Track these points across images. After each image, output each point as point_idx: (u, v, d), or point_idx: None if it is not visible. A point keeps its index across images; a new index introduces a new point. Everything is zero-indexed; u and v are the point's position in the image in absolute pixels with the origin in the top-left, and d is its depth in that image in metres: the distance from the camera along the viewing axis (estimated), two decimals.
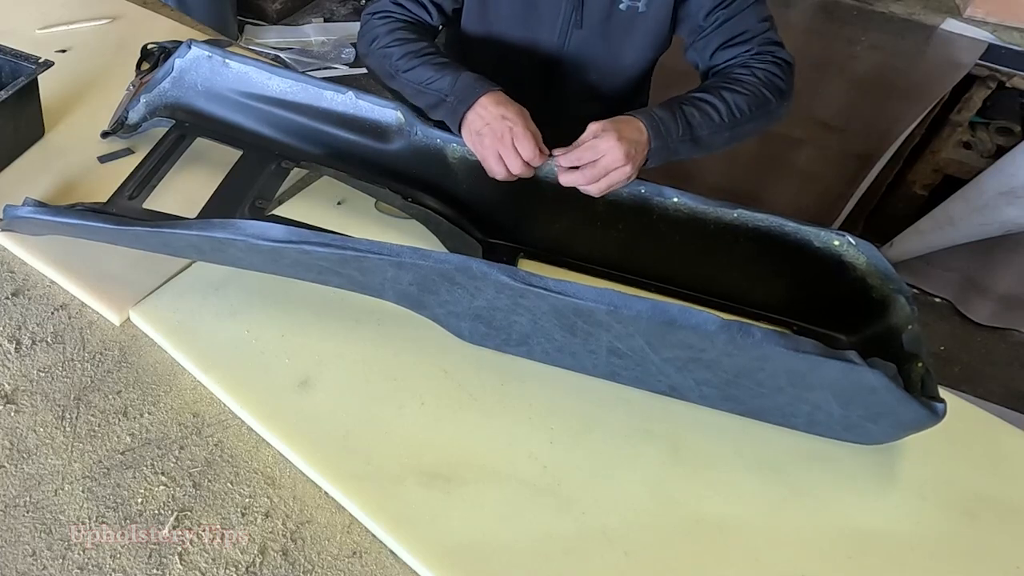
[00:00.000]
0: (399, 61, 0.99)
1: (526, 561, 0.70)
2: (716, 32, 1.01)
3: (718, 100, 0.94)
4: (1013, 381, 1.99)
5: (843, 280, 0.88)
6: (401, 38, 1.01)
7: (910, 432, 0.79)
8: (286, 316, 0.87)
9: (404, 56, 0.99)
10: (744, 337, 0.69)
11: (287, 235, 0.74)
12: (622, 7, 1.03)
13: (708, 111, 0.93)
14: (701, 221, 0.91)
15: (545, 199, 0.94)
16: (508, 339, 0.83)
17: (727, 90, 0.95)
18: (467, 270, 0.73)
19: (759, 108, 0.95)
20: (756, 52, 1.00)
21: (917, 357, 0.79)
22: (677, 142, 0.90)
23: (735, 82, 0.97)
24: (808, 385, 0.75)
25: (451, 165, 0.97)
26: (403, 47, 1.00)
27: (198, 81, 1.05)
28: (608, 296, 0.71)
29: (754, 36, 1.00)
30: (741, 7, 1.00)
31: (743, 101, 0.95)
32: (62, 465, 0.73)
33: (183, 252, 0.86)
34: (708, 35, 1.02)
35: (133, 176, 0.96)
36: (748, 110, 0.95)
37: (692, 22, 1.03)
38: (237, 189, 0.96)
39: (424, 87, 0.96)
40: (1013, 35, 1.80)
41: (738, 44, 1.00)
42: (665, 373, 0.80)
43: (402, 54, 0.99)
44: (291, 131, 1.03)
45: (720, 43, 1.01)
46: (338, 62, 2.87)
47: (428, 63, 0.97)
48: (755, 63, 0.99)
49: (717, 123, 0.93)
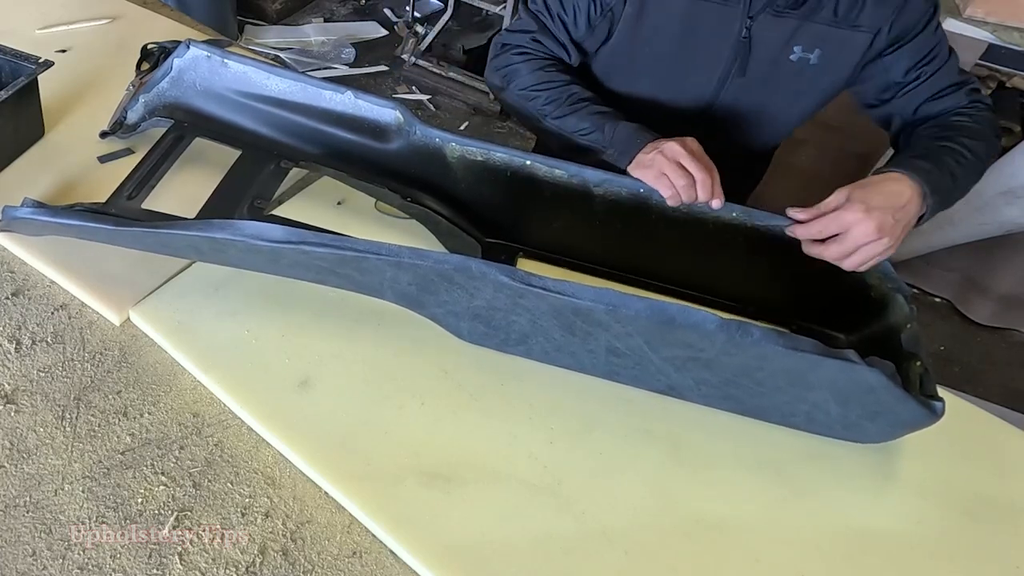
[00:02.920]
0: (546, 107, 0.98)
1: (526, 561, 0.70)
2: (920, 88, 0.98)
3: (961, 147, 0.90)
4: (1013, 381, 1.99)
5: (842, 279, 0.88)
6: (545, 81, 1.00)
7: (908, 431, 0.79)
8: (286, 316, 0.87)
9: (551, 103, 0.98)
10: (743, 336, 0.69)
11: (286, 235, 0.74)
12: (792, 58, 0.98)
13: (961, 160, 0.89)
14: (700, 220, 0.91)
15: (543, 199, 0.94)
16: (507, 339, 0.83)
17: (963, 136, 0.91)
18: (466, 270, 0.73)
19: (989, 153, 0.93)
20: (968, 103, 0.97)
21: (916, 356, 0.79)
22: (947, 194, 0.86)
23: (963, 128, 0.93)
24: (807, 384, 0.75)
25: (450, 165, 0.97)
26: (548, 92, 0.99)
27: (197, 81, 1.04)
28: (606, 295, 0.71)
29: (960, 87, 0.97)
30: (943, 61, 0.97)
31: (979, 147, 0.92)
32: (62, 465, 0.73)
33: (182, 252, 0.86)
34: (911, 91, 0.98)
35: (132, 176, 0.96)
36: (985, 155, 0.93)
37: (884, 79, 0.99)
38: (236, 189, 0.96)
39: (579, 137, 0.95)
40: (1013, 35, 1.80)
41: (946, 96, 0.97)
42: (664, 372, 0.80)
43: (549, 100, 0.98)
44: (290, 131, 1.03)
45: (927, 97, 0.98)
46: (338, 62, 2.87)
47: (580, 112, 0.96)
48: (970, 111, 0.96)
49: (969, 172, 0.90)
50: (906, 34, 0.95)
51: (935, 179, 0.85)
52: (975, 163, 0.91)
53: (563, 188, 0.92)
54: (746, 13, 0.95)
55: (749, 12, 0.95)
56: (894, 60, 0.97)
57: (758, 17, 0.95)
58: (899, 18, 0.94)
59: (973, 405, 0.90)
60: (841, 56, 0.97)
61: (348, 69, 2.85)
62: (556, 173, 0.92)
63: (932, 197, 0.84)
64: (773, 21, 0.95)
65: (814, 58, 0.97)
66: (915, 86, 0.98)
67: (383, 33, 3.04)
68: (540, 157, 0.92)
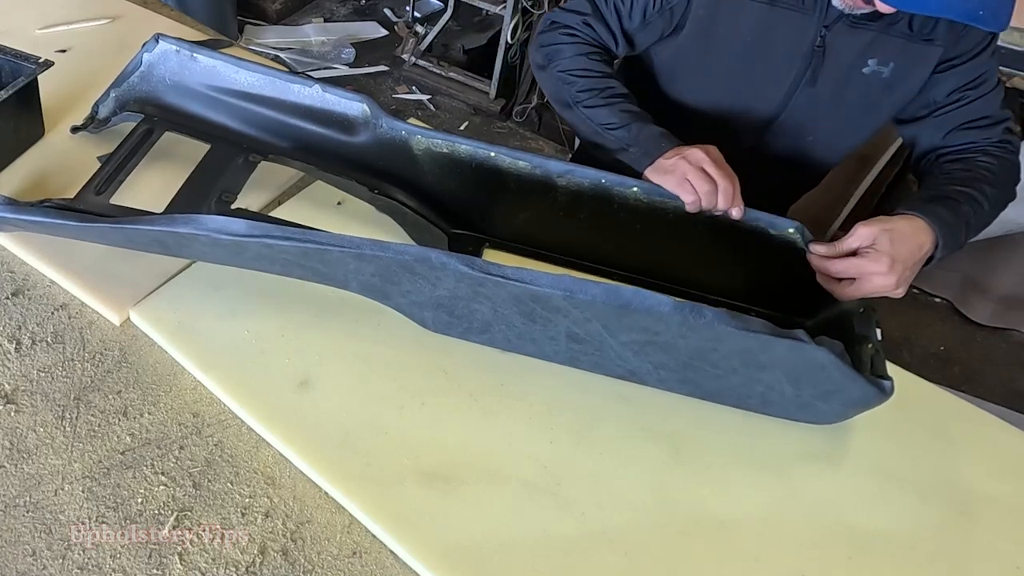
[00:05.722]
0: (581, 93, 0.98)
1: (526, 561, 0.70)
2: (957, 111, 0.96)
3: (982, 196, 0.89)
4: (1013, 381, 1.99)
5: (798, 266, 0.89)
6: (587, 68, 0.99)
7: (860, 410, 0.80)
8: (286, 316, 0.87)
9: (587, 91, 0.97)
10: (696, 317, 0.71)
11: (248, 229, 0.75)
12: (866, 71, 0.95)
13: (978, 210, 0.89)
14: (660, 210, 0.91)
15: (508, 190, 0.95)
16: (470, 327, 0.84)
17: (985, 183, 0.91)
18: (426, 260, 0.74)
19: (1006, 202, 0.93)
20: (998, 141, 0.95)
21: (867, 339, 0.81)
22: (956, 246, 0.87)
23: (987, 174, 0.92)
24: (759, 364, 0.76)
25: (416, 157, 0.97)
26: (587, 79, 0.98)
27: (166, 75, 1.04)
28: (563, 281, 0.72)
29: (997, 123, 0.96)
30: (987, 90, 0.95)
31: (998, 197, 0.91)
32: (62, 465, 0.73)
33: (148, 247, 0.86)
34: (947, 113, 0.97)
35: (101, 171, 0.96)
36: (1002, 205, 0.93)
37: (927, 96, 0.97)
38: (204, 183, 0.96)
39: (604, 130, 0.95)
40: (1013, 35, 1.80)
41: (980, 128, 0.96)
42: (623, 357, 0.80)
43: (585, 87, 0.98)
44: (259, 124, 1.03)
45: (960, 123, 0.96)
46: (338, 62, 2.87)
47: (613, 107, 0.95)
48: (998, 152, 0.95)
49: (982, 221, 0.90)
50: (962, 54, 0.94)
51: (952, 233, 0.85)
52: (990, 213, 0.91)
53: (527, 179, 0.93)
54: (821, 22, 0.94)
55: (824, 21, 0.93)
56: (943, 78, 0.95)
57: (833, 27, 0.94)
58: (964, 36, 0.93)
59: (973, 405, 0.90)
60: (915, 70, 0.95)
61: (348, 69, 2.85)
62: (520, 164, 0.92)
63: (943, 250, 0.85)
64: (849, 31, 0.94)
65: (887, 72, 0.95)
66: (953, 108, 0.96)
67: (383, 33, 3.04)
68: (504, 149, 0.92)
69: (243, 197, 0.97)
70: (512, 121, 2.73)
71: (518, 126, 2.72)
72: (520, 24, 2.53)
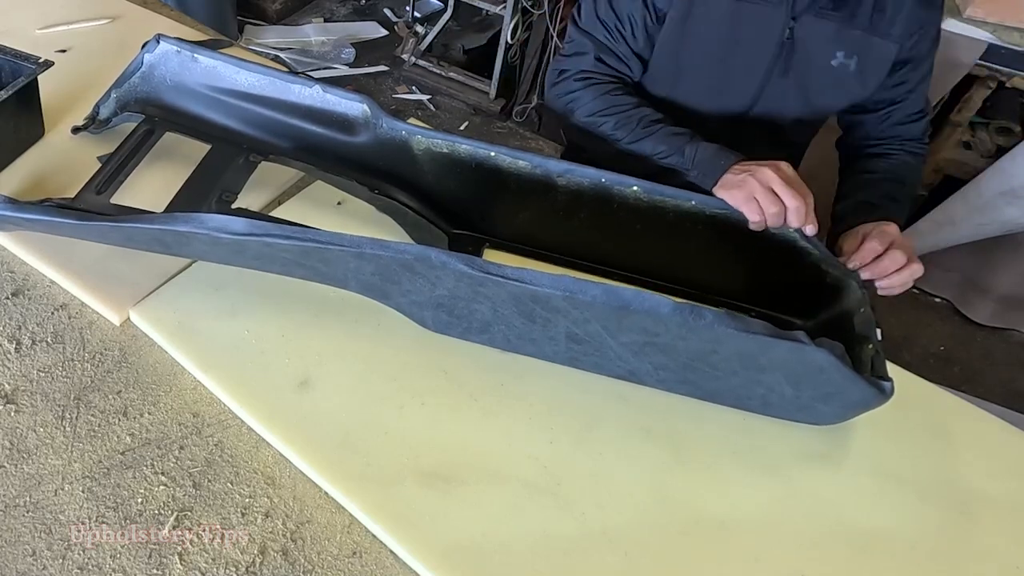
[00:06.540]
0: (616, 132, 0.99)
1: (526, 561, 0.70)
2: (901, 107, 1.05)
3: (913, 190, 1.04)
4: (1013, 381, 1.99)
5: (799, 266, 0.89)
6: (612, 106, 1.00)
7: (860, 411, 0.80)
8: (286, 316, 0.87)
9: (620, 128, 0.99)
10: (696, 319, 0.70)
11: (248, 228, 0.75)
12: (834, 63, 0.99)
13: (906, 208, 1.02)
14: (660, 209, 0.91)
15: (509, 190, 0.95)
16: (470, 327, 0.84)
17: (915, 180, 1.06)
18: (426, 259, 0.74)
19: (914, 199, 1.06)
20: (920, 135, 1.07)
21: (867, 339, 0.81)
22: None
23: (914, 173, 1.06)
24: (760, 366, 0.76)
25: (416, 157, 0.97)
26: (616, 116, 0.99)
27: (167, 76, 1.04)
28: (563, 282, 0.72)
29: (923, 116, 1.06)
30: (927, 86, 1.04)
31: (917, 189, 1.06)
32: (62, 465, 0.73)
33: (148, 246, 0.86)
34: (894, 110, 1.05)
35: (101, 171, 0.96)
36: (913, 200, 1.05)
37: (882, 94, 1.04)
38: (205, 183, 0.97)
39: (657, 160, 0.96)
40: (1013, 35, 1.80)
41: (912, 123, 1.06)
42: (623, 358, 0.80)
43: (618, 124, 0.99)
44: (259, 125, 1.03)
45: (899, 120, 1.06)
46: (338, 62, 2.87)
47: (655, 135, 0.96)
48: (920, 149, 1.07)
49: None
50: (914, 58, 0.98)
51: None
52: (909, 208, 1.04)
53: (527, 179, 0.93)
54: (789, 14, 0.96)
55: (792, 13, 0.96)
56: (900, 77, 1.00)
57: (801, 18, 0.96)
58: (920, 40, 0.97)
59: (973, 405, 0.90)
60: (875, 66, 0.99)
61: (348, 69, 2.85)
62: (520, 164, 0.92)
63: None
64: (815, 23, 0.96)
65: (853, 65, 0.99)
66: (899, 105, 1.03)
67: (383, 33, 3.04)
68: (504, 148, 0.92)
69: (243, 197, 0.97)
70: (512, 121, 2.73)
71: (518, 126, 2.72)
72: (520, 24, 2.52)
